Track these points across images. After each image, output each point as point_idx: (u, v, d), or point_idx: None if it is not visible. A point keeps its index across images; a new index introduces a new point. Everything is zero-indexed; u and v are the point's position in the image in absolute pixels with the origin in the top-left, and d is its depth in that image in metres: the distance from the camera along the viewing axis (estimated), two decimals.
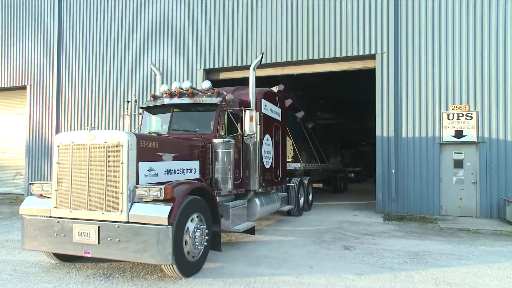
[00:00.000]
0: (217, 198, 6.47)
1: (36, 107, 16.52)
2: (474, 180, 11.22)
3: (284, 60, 13.07)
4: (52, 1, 16.40)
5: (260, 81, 9.30)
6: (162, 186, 4.83)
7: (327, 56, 12.57)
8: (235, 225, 6.87)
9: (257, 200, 8.11)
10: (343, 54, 12.38)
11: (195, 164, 6.37)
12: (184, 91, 7.09)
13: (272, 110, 9.05)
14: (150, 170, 5.26)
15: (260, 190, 8.00)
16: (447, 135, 11.38)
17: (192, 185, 5.50)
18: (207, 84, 7.08)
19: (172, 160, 5.77)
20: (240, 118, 7.40)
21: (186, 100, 7.04)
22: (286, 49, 13.03)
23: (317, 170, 15.53)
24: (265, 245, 7.39)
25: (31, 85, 16.61)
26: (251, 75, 7.87)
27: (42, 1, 16.61)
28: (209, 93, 7.21)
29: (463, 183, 11.34)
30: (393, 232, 8.91)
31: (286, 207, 10.39)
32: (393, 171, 11.75)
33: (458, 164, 11.42)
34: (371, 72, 12.50)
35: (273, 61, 13.18)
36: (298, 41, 12.90)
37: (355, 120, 27.74)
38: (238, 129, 7.29)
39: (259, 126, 7.66)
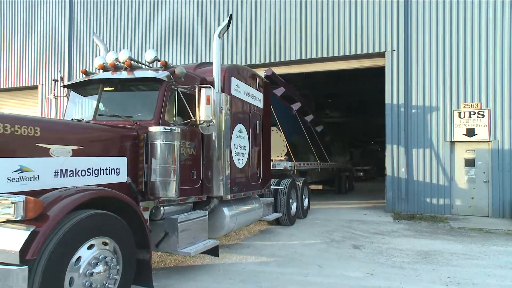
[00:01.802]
0: (162, 208, 5.02)
1: (47, 106, 16.76)
2: (486, 179, 11.06)
3: (293, 58, 13.04)
4: (63, 2, 16.62)
5: None
6: (21, 198, 3.05)
7: (336, 54, 12.50)
8: (185, 246, 5.04)
9: (225, 210, 6.26)
10: (353, 52, 12.31)
11: (120, 162, 4.51)
12: (121, 64, 5.39)
13: (249, 94, 7.16)
14: (20, 171, 3.46)
15: (228, 196, 6.17)
16: (459, 134, 11.24)
17: (89, 194, 3.61)
18: (151, 55, 5.44)
19: (72, 156, 3.95)
20: (197, 100, 5.41)
21: (118, 75, 5.33)
22: (295, 47, 12.99)
23: (315, 170, 13.81)
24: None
25: (42, 84, 16.86)
26: (216, 43, 6.05)
27: (53, 2, 16.84)
28: (156, 68, 5.58)
29: (475, 182, 11.19)
30: (403, 231, 8.85)
31: (272, 216, 8.61)
32: (403, 169, 11.66)
33: (470, 162, 11.27)
34: (380, 70, 12.41)
35: (282, 59, 13.16)
36: (307, 40, 12.85)
37: (364, 118, 27.56)
38: (191, 114, 5.37)
39: (224, 111, 6.01)
